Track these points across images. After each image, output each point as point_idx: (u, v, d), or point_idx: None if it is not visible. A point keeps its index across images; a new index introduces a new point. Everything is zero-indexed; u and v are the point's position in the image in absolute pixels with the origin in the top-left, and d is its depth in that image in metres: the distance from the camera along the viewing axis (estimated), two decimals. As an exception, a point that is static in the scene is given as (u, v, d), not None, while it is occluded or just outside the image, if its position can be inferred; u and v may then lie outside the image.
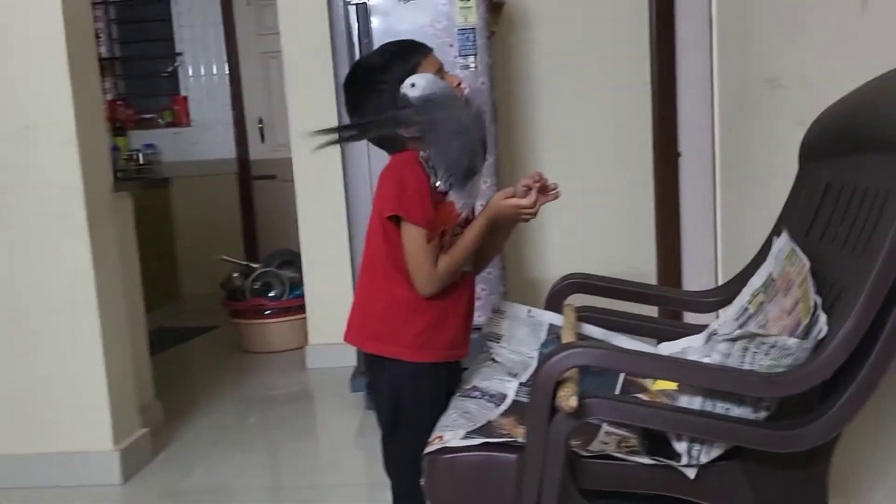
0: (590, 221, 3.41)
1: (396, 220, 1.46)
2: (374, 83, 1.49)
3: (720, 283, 2.49)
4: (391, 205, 1.45)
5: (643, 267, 3.38)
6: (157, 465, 2.49)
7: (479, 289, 2.80)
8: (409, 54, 1.52)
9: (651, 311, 2.08)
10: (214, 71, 5.03)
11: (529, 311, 1.72)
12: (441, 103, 1.43)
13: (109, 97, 5.11)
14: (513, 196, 1.48)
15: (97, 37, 4.93)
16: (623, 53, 3.30)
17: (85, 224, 2.23)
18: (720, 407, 1.13)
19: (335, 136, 1.51)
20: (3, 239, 2.25)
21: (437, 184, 1.45)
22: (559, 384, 1.11)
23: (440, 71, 1.51)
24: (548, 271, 3.43)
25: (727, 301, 1.64)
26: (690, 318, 2.32)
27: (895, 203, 1.12)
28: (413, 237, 1.45)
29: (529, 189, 1.47)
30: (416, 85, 1.44)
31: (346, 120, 1.58)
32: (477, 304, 2.83)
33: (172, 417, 2.88)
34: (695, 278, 3.30)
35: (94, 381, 2.28)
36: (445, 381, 1.58)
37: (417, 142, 1.47)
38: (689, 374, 1.12)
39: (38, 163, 2.23)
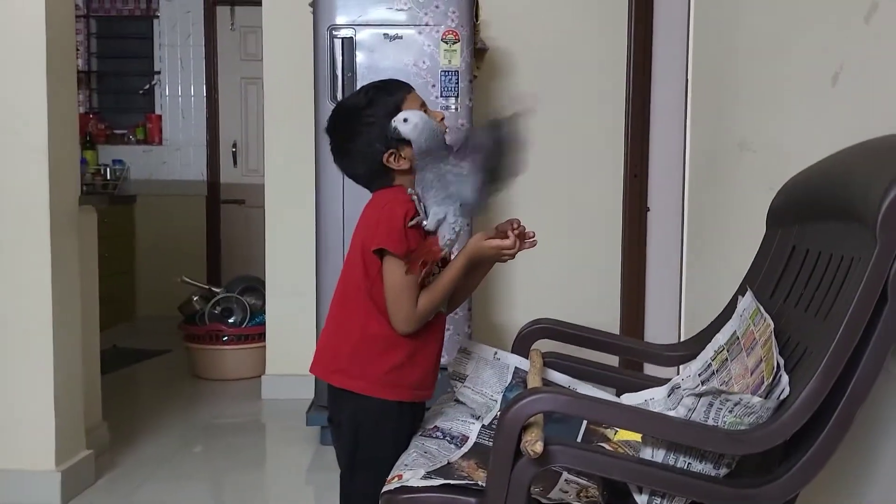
0: (558, 270, 3.44)
1: (380, 254, 1.46)
2: (362, 118, 1.50)
3: (682, 338, 2.53)
4: (378, 238, 1.45)
5: (607, 318, 3.41)
6: (99, 488, 2.40)
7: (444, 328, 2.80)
8: (393, 89, 1.54)
9: (611, 361, 2.10)
10: (192, 92, 5.02)
11: (496, 353, 1.71)
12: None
13: (82, 110, 5.04)
14: (492, 238, 1.49)
15: (75, 49, 4.91)
16: (600, 109, 3.38)
17: (48, 235, 2.18)
18: (682, 461, 1.14)
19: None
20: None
21: (424, 223, 1.46)
22: (524, 428, 1.11)
23: (423, 106, 1.53)
24: (513, 316, 3.44)
25: (691, 356, 1.66)
26: (651, 370, 2.35)
27: (858, 270, 1.15)
28: (396, 273, 1.45)
29: (508, 232, 1.49)
30: (409, 120, 1.46)
31: (328, 162, 1.60)
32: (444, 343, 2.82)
33: (118, 440, 2.79)
34: (657, 332, 3.34)
35: (41, 398, 2.20)
36: (409, 420, 1.57)
37: (410, 176, 1.48)
38: (654, 426, 1.12)
39: (6, 170, 2.19)
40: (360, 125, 1.50)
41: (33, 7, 2.18)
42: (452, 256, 1.55)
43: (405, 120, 1.46)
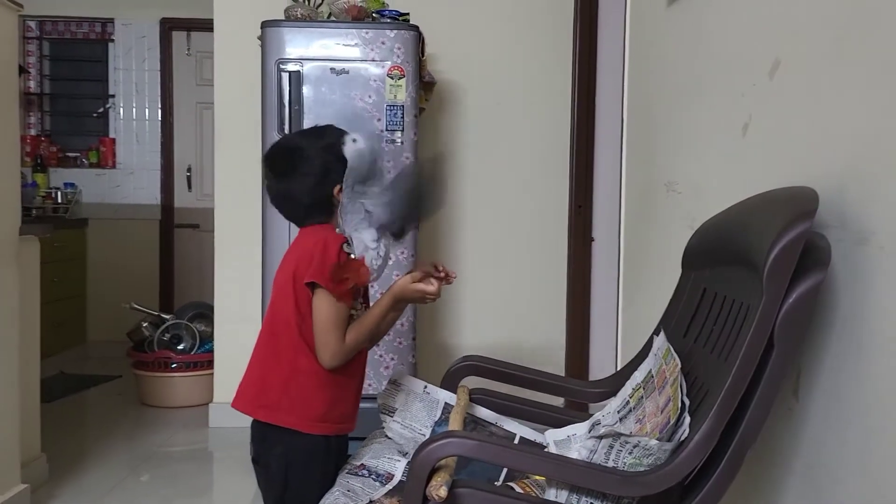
0: (506, 294, 3.51)
1: (312, 287, 1.50)
2: (320, 150, 1.55)
3: (620, 365, 2.60)
4: (312, 272, 1.48)
5: (554, 339, 3.49)
6: (34, 524, 2.37)
7: (389, 358, 2.83)
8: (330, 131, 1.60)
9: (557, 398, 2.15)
10: (147, 116, 5.00)
11: (426, 387, 1.75)
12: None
13: (34, 133, 4.99)
14: (419, 281, 1.54)
15: (27, 71, 4.86)
16: (546, 141, 3.47)
17: (-18, 268, 2.17)
18: (584, 501, 1.19)
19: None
20: None
21: (350, 251, 1.52)
22: (434, 471, 1.15)
23: None
24: (461, 338, 3.49)
25: (613, 392, 1.71)
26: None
27: (752, 317, 1.22)
28: (326, 309, 1.49)
29: (430, 276, 1.54)
30: (357, 142, 1.53)
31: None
32: (384, 373, 2.85)
33: (58, 472, 2.75)
34: (601, 357, 3.41)
35: (-28, 432, 2.17)
36: (336, 455, 1.60)
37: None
38: (554, 469, 1.17)
39: (-60, 201, 2.17)
40: (315, 157, 1.54)
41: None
42: (374, 292, 1.60)
43: (354, 140, 1.52)
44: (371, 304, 1.62)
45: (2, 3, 2.26)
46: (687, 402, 1.30)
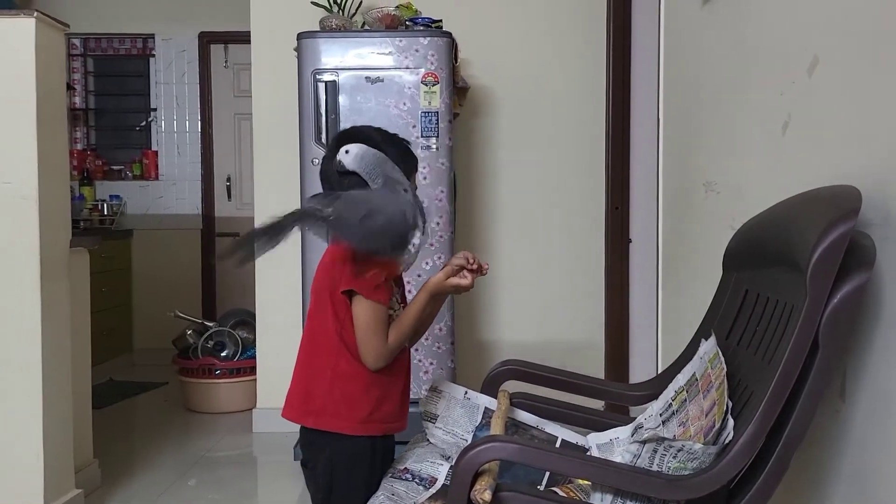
0: (543, 296, 3.51)
1: (349, 295, 1.53)
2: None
3: (661, 368, 2.58)
4: (346, 279, 1.51)
5: (592, 340, 3.48)
6: (88, 528, 2.44)
7: (428, 362, 2.86)
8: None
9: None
10: (187, 128, 5.12)
11: (466, 392, 1.77)
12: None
13: (80, 147, 5.14)
14: (451, 276, 1.56)
15: (72, 88, 5.02)
16: (581, 143, 3.47)
17: (38, 281, 2.24)
18: (629, 505, 1.19)
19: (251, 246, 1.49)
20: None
21: None
22: (478, 476, 1.16)
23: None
24: (499, 340, 3.50)
25: (654, 395, 1.71)
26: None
27: (795, 318, 1.21)
28: (366, 313, 1.52)
29: (463, 268, 1.55)
30: (350, 151, 1.53)
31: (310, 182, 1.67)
32: (424, 377, 2.88)
33: (109, 477, 2.83)
34: (641, 358, 3.39)
35: (31, 440, 2.24)
36: (381, 458, 1.63)
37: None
38: (598, 472, 1.17)
39: (-4, 217, 2.24)
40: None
41: (23, 57, 2.24)
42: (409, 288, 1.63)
43: (346, 151, 1.52)
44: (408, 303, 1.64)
45: (50, 24, 2.34)
46: (730, 404, 1.29)
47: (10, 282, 2.24)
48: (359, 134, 1.59)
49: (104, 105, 5.21)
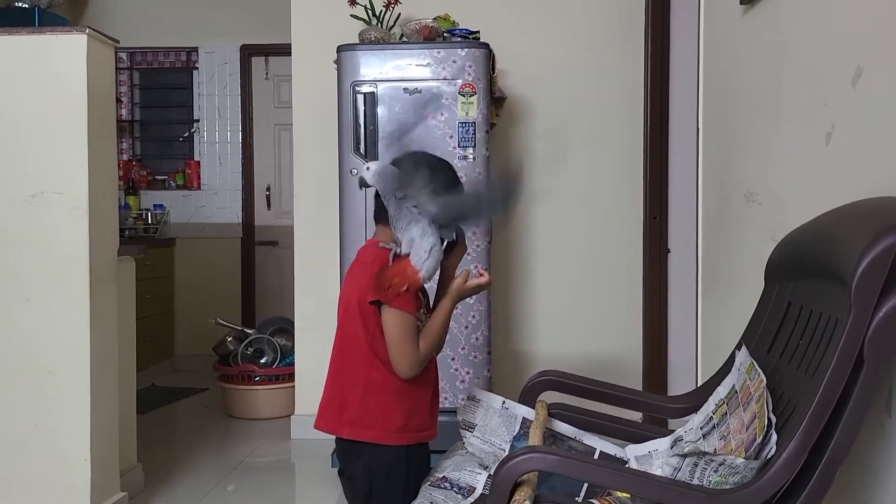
0: (581, 305, 3.50)
1: (377, 306, 1.55)
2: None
3: (701, 380, 2.55)
4: (373, 292, 1.54)
5: (630, 351, 3.45)
6: (133, 530, 2.50)
7: (464, 372, 2.87)
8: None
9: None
10: (228, 139, 5.23)
11: (504, 402, 1.77)
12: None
13: (126, 158, 5.29)
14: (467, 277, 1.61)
15: (119, 100, 5.17)
16: (619, 152, 3.45)
17: (87, 289, 2.30)
18: (669, 519, 1.18)
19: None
20: (3, 299, 2.32)
21: (398, 249, 1.56)
22: (517, 486, 1.17)
23: None
24: (536, 350, 3.49)
25: (695, 408, 1.69)
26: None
27: (840, 332, 1.19)
28: (396, 323, 1.54)
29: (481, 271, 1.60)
30: (371, 168, 1.59)
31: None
32: (460, 386, 2.89)
33: (152, 481, 2.89)
34: (680, 370, 3.35)
35: (78, 443, 2.31)
36: (416, 466, 1.64)
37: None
38: (637, 485, 1.17)
39: (48, 227, 2.31)
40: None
41: (75, 71, 2.31)
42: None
43: (367, 168, 1.59)
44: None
45: (101, 39, 2.42)
46: (773, 418, 1.28)
47: (61, 289, 2.31)
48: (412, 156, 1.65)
49: (149, 117, 5.35)
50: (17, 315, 2.31)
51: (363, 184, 1.61)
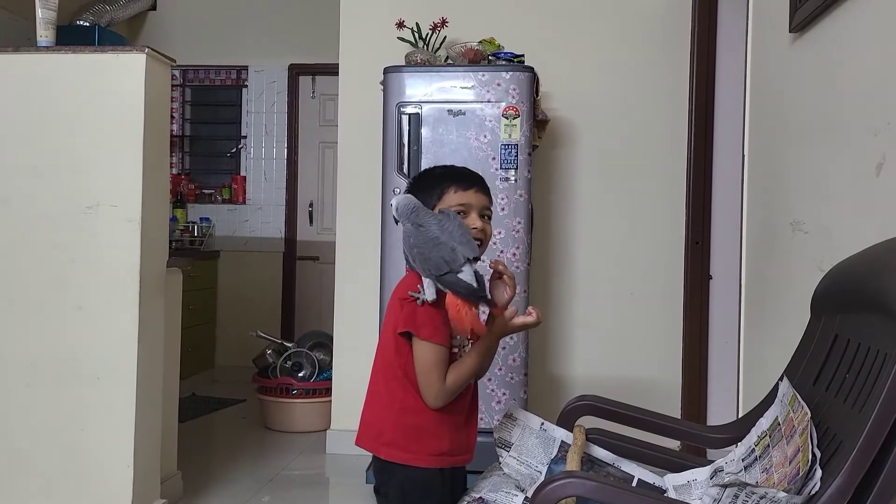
0: (619, 329, 3.47)
1: (408, 336, 1.57)
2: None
3: (741, 411, 2.50)
4: (404, 322, 1.56)
5: (669, 377, 3.40)
6: (170, 537, 2.54)
7: (501, 393, 2.86)
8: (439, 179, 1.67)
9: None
10: (274, 155, 5.34)
11: (542, 424, 1.77)
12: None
13: (175, 171, 5.43)
14: (517, 316, 1.59)
15: (171, 116, 5.32)
16: (662, 176, 3.43)
17: (137, 299, 2.37)
18: (708, 551, 1.16)
19: None
20: (55, 309, 2.39)
21: (424, 297, 1.54)
22: (554, 510, 1.16)
23: (463, 206, 1.64)
24: (573, 373, 3.47)
25: (737, 438, 1.66)
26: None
27: (889, 366, 1.17)
28: (424, 354, 1.56)
29: (530, 310, 1.60)
30: (393, 204, 1.60)
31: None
32: (496, 407, 2.88)
33: (190, 489, 2.94)
34: (720, 399, 3.29)
35: (122, 449, 2.36)
36: (451, 487, 1.65)
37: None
38: (677, 515, 1.16)
39: (101, 238, 2.39)
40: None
41: (133, 88, 2.38)
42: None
43: (391, 204, 1.61)
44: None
45: (158, 58, 2.50)
46: (818, 453, 1.25)
47: (112, 299, 2.38)
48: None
49: (198, 132, 5.49)
50: (69, 322, 2.38)
51: (394, 216, 1.62)
